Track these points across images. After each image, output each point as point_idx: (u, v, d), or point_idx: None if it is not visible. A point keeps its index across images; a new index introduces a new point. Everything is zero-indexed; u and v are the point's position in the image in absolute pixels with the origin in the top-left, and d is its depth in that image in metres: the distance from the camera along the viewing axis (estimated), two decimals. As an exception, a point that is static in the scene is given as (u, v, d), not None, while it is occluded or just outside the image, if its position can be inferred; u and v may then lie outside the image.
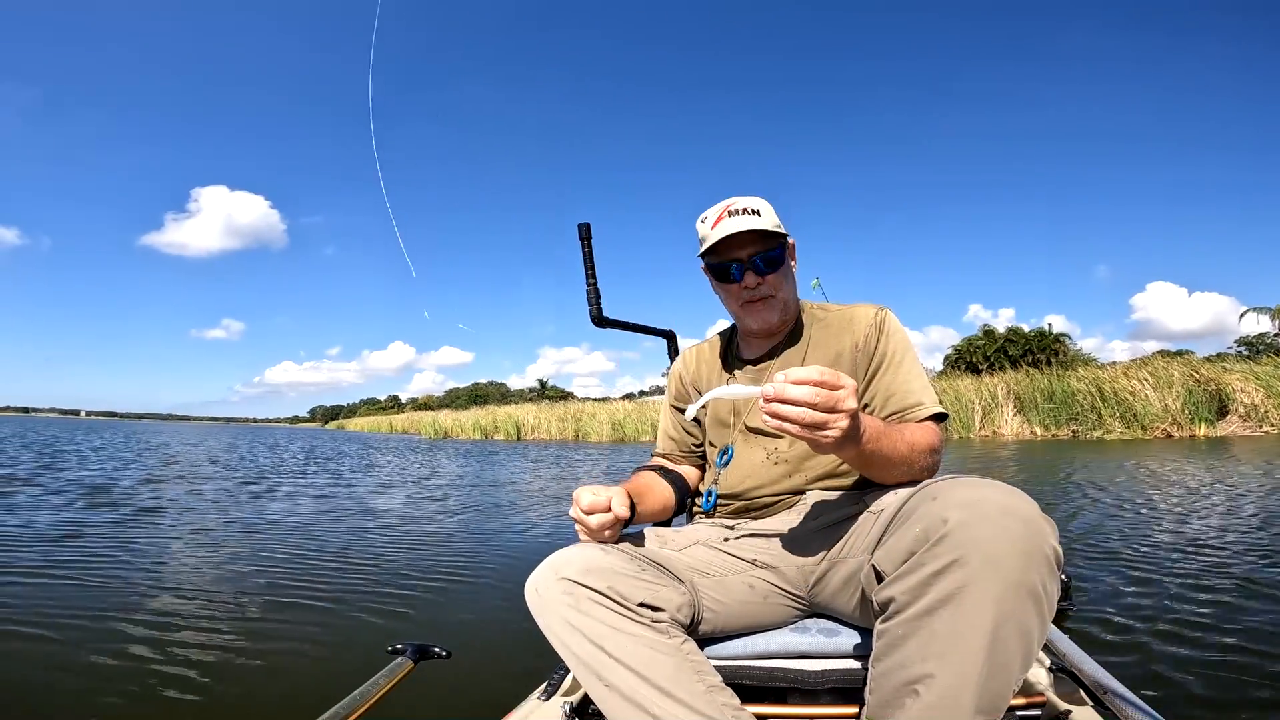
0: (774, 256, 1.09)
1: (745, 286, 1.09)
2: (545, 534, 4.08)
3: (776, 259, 1.09)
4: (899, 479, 0.93)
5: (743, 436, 1.12)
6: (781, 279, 1.11)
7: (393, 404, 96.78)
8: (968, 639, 0.62)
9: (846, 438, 0.77)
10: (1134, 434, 12.60)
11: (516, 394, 56.33)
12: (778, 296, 1.10)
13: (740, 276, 1.09)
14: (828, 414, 0.74)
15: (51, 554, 3.24)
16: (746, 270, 1.09)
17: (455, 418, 28.90)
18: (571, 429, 22.08)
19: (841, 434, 0.75)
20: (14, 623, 2.20)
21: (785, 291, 1.11)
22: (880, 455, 0.87)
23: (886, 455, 0.88)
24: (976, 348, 24.36)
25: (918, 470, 0.93)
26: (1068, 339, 23.17)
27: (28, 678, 1.79)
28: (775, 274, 1.10)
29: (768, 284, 1.09)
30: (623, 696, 0.75)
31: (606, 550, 0.86)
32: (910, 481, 0.92)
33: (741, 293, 1.10)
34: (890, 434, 0.89)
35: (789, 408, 0.73)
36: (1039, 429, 14.01)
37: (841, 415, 0.74)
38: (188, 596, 2.56)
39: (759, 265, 1.08)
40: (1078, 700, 0.91)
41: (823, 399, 0.73)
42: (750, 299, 1.10)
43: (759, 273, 1.09)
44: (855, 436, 0.79)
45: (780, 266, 1.10)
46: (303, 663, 1.90)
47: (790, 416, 0.73)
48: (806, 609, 1.00)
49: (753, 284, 1.09)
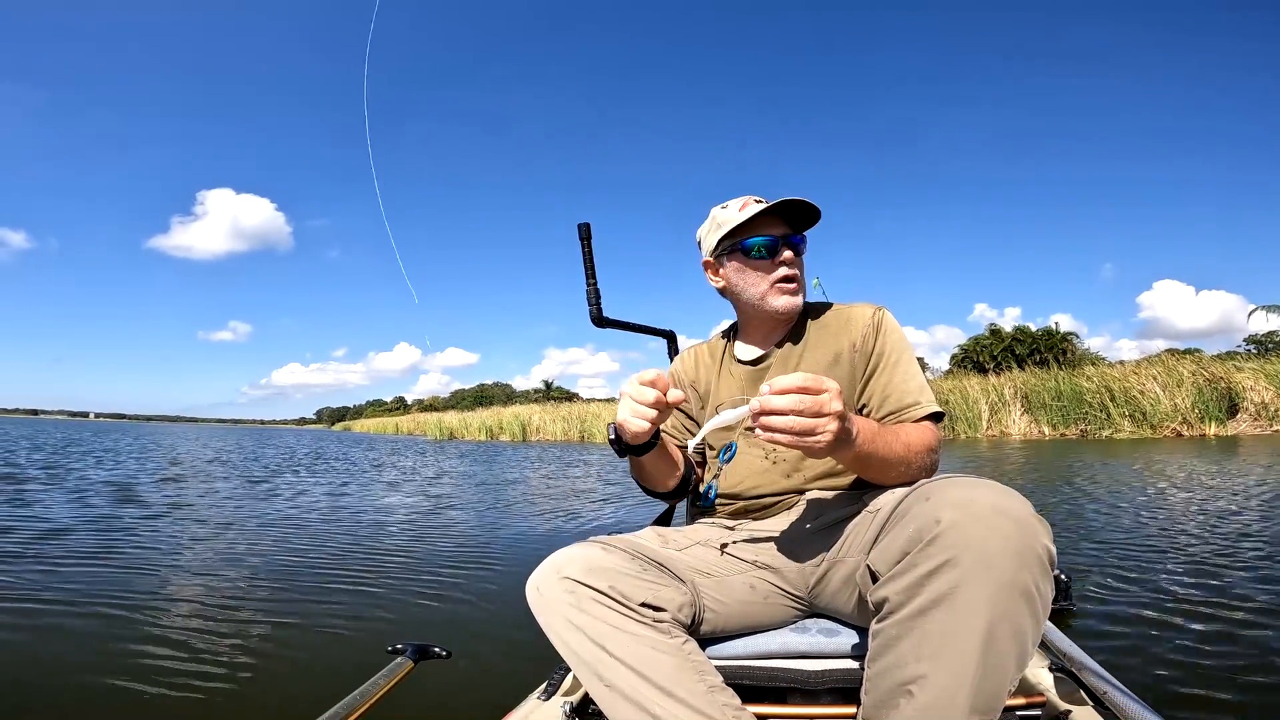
0: (803, 243, 1.10)
1: (783, 263, 1.07)
2: (546, 533, 4.08)
3: (803, 246, 1.10)
4: (897, 480, 0.92)
5: (741, 436, 1.12)
6: (803, 268, 1.11)
7: (398, 405, 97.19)
8: (961, 639, 0.62)
9: (838, 440, 0.77)
10: (1143, 433, 12.50)
11: (522, 395, 56.50)
12: (801, 284, 1.10)
13: (777, 252, 1.07)
14: (814, 419, 0.75)
15: (52, 552, 3.26)
16: (784, 246, 1.07)
17: (461, 419, 28.95)
18: (577, 430, 22.10)
19: (832, 437, 0.76)
20: (13, 624, 2.21)
21: (803, 280, 1.12)
22: (876, 456, 0.87)
23: (883, 456, 0.88)
24: (983, 347, 24.26)
25: (915, 470, 0.93)
26: (1075, 338, 23.08)
27: (28, 676, 1.79)
28: (802, 260, 1.11)
29: (798, 264, 1.09)
30: (624, 696, 0.75)
31: (608, 550, 0.86)
32: (909, 481, 0.91)
33: (776, 269, 1.08)
34: (885, 435, 0.89)
35: (777, 419, 0.74)
36: (1047, 428, 13.92)
37: (828, 419, 0.75)
38: (187, 596, 2.56)
39: (796, 243, 1.08)
40: (1078, 700, 0.91)
41: (808, 405, 0.74)
42: (785, 277, 1.08)
43: (796, 251, 1.08)
44: (848, 439, 0.80)
45: (805, 252, 1.11)
46: (303, 662, 1.91)
47: (778, 427, 0.75)
48: (806, 609, 1.00)
49: (789, 259, 1.07)
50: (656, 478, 1.09)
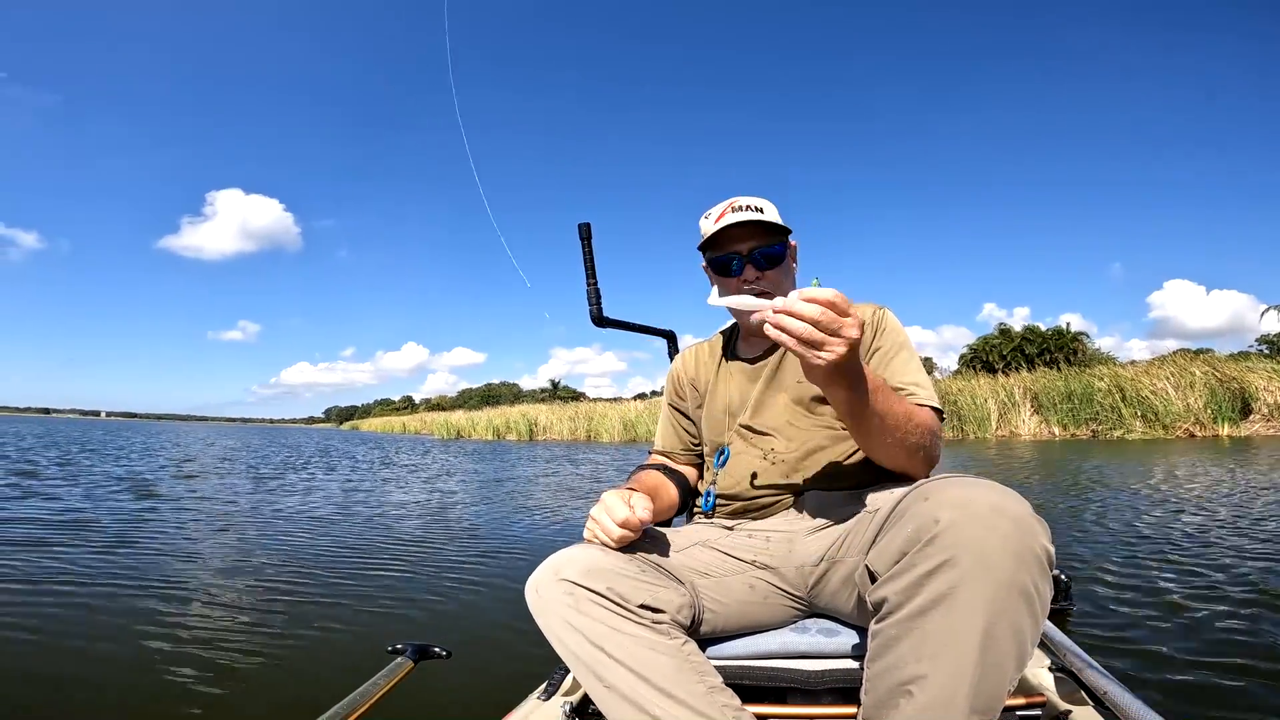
0: (775, 253, 1.09)
1: (744, 280, 1.09)
2: (546, 534, 4.09)
3: (777, 255, 1.09)
4: (893, 448, 0.91)
5: (739, 436, 1.12)
6: (781, 276, 1.11)
7: (406, 405, 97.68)
8: (960, 639, 0.61)
9: (843, 366, 0.77)
10: (1156, 434, 12.40)
11: (529, 394, 56.69)
12: (776, 294, 1.09)
13: (740, 270, 1.09)
14: (828, 336, 0.74)
15: (52, 552, 3.28)
16: (746, 264, 1.08)
17: (468, 418, 29.10)
18: (583, 429, 22.16)
19: (837, 359, 0.75)
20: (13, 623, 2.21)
21: (784, 289, 1.11)
22: (874, 410, 0.86)
23: (880, 412, 0.86)
24: (993, 347, 24.11)
25: (913, 447, 0.92)
26: (1086, 337, 22.86)
27: (26, 674, 1.80)
28: (775, 270, 1.10)
29: (767, 280, 1.09)
30: (623, 697, 0.74)
31: (607, 551, 0.85)
32: (904, 460, 0.92)
33: (740, 287, 1.09)
34: (888, 392, 0.88)
35: (793, 321, 0.74)
36: (1058, 429, 13.83)
37: (841, 341, 0.75)
38: (187, 596, 2.57)
39: (759, 260, 1.08)
40: (1078, 700, 0.91)
41: (827, 319, 0.74)
42: (749, 294, 1.09)
43: (759, 267, 1.09)
44: (852, 373, 0.80)
45: (780, 264, 1.10)
46: (303, 662, 1.91)
47: (791, 329, 0.75)
48: (806, 609, 1.00)
49: (752, 278, 1.08)
50: (657, 521, 1.08)
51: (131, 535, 3.78)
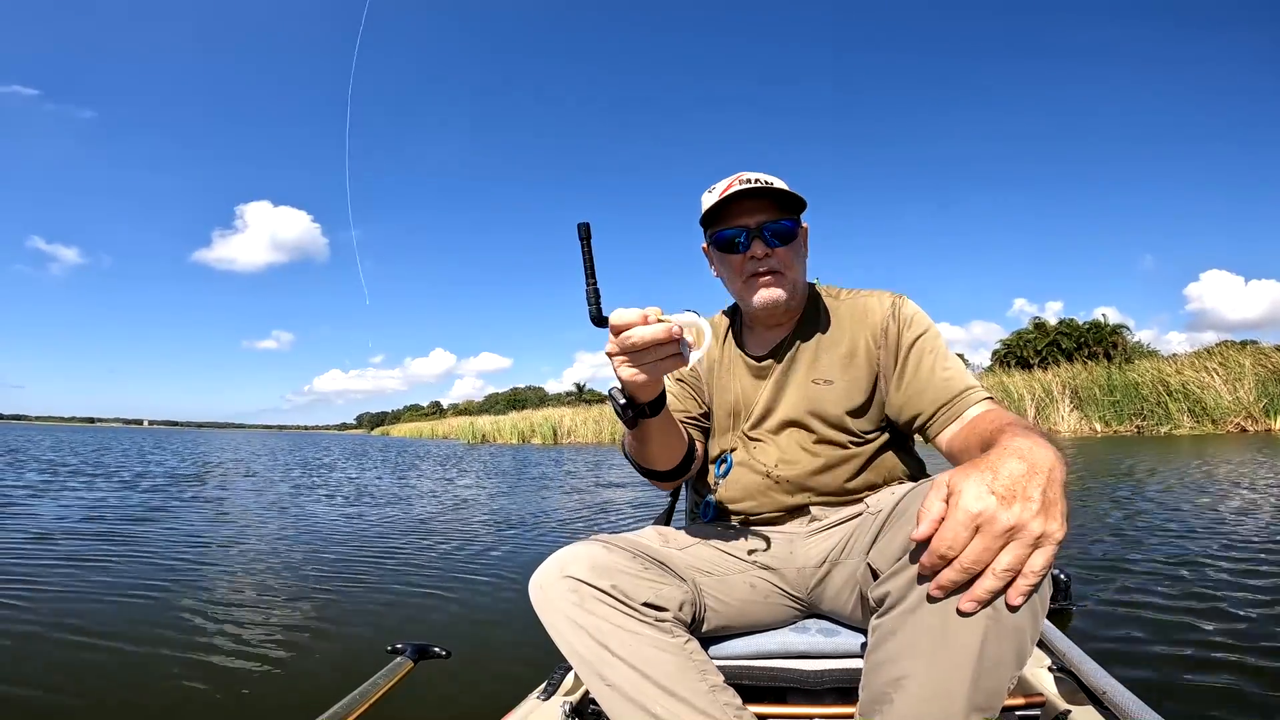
0: (787, 229, 0.98)
1: (752, 257, 0.98)
2: (547, 533, 4.09)
3: (789, 232, 0.99)
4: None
5: (742, 444, 1.07)
6: (793, 256, 1.00)
7: (435, 410, 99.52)
8: (959, 636, 0.59)
9: (1056, 510, 0.55)
10: (1205, 428, 11.89)
11: (554, 398, 57.16)
12: (787, 275, 1.00)
13: (747, 246, 0.98)
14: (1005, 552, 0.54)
15: (54, 551, 3.36)
16: (755, 239, 0.98)
17: (493, 422, 29.42)
18: (608, 431, 22.20)
19: (1056, 534, 0.54)
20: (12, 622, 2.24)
21: (795, 272, 1.01)
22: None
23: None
24: (1027, 341, 23.46)
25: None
26: (1126, 330, 22.06)
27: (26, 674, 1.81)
28: (787, 249, 0.99)
29: (778, 258, 0.98)
30: (625, 695, 0.74)
31: (610, 549, 0.85)
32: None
33: (746, 265, 0.99)
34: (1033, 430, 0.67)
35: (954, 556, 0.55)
36: (1099, 425, 13.32)
37: (1030, 536, 0.54)
38: (187, 595, 2.59)
39: (768, 236, 0.98)
40: (1078, 700, 0.90)
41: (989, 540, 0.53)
42: (756, 272, 0.99)
43: (769, 244, 0.98)
44: (1062, 501, 0.56)
45: (793, 241, 0.99)
46: (302, 662, 1.90)
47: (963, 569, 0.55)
48: (806, 609, 0.99)
49: (760, 254, 0.98)
50: (662, 452, 0.97)
51: (133, 537, 3.81)
